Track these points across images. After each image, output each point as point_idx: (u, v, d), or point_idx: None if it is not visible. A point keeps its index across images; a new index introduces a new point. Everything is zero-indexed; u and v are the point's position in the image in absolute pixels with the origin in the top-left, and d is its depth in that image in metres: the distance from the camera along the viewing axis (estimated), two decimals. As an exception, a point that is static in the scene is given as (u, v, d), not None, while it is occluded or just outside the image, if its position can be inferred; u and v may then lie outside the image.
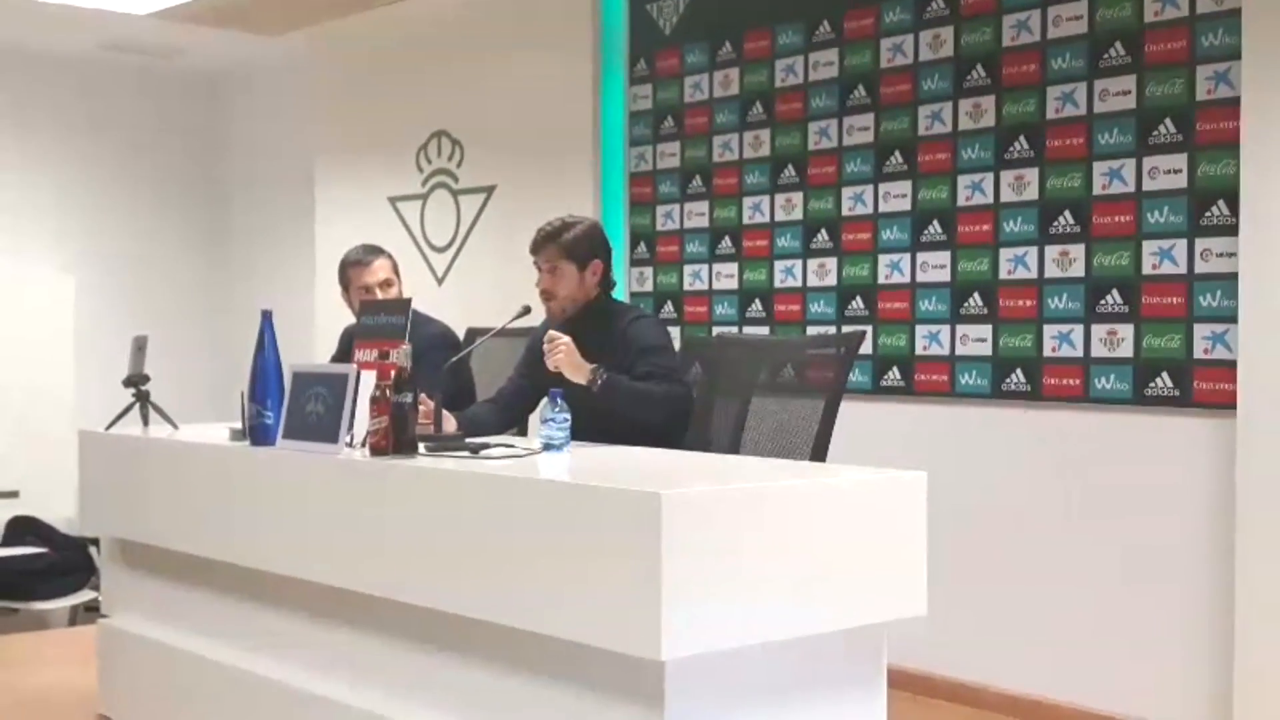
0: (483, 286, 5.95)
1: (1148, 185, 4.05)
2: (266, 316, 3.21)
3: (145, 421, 3.74)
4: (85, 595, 6.08)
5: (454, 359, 3.77)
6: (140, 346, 3.77)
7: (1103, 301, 4.15)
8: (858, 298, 4.79)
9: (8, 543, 6.19)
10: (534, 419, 3.50)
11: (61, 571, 6.15)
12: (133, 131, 7.96)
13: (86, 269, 7.23)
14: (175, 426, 3.73)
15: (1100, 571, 4.16)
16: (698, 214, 5.30)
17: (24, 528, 6.24)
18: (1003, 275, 4.39)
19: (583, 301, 3.55)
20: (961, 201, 4.50)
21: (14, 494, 6.19)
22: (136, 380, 3.73)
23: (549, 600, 2.43)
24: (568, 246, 3.51)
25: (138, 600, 3.79)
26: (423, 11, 6.29)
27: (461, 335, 4.25)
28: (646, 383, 3.37)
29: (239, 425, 3.34)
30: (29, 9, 6.33)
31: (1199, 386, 3.94)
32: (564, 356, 3.36)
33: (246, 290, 7.88)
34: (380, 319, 3.28)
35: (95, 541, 5.55)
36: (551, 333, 3.42)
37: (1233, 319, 3.86)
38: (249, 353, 3.22)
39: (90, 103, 7.78)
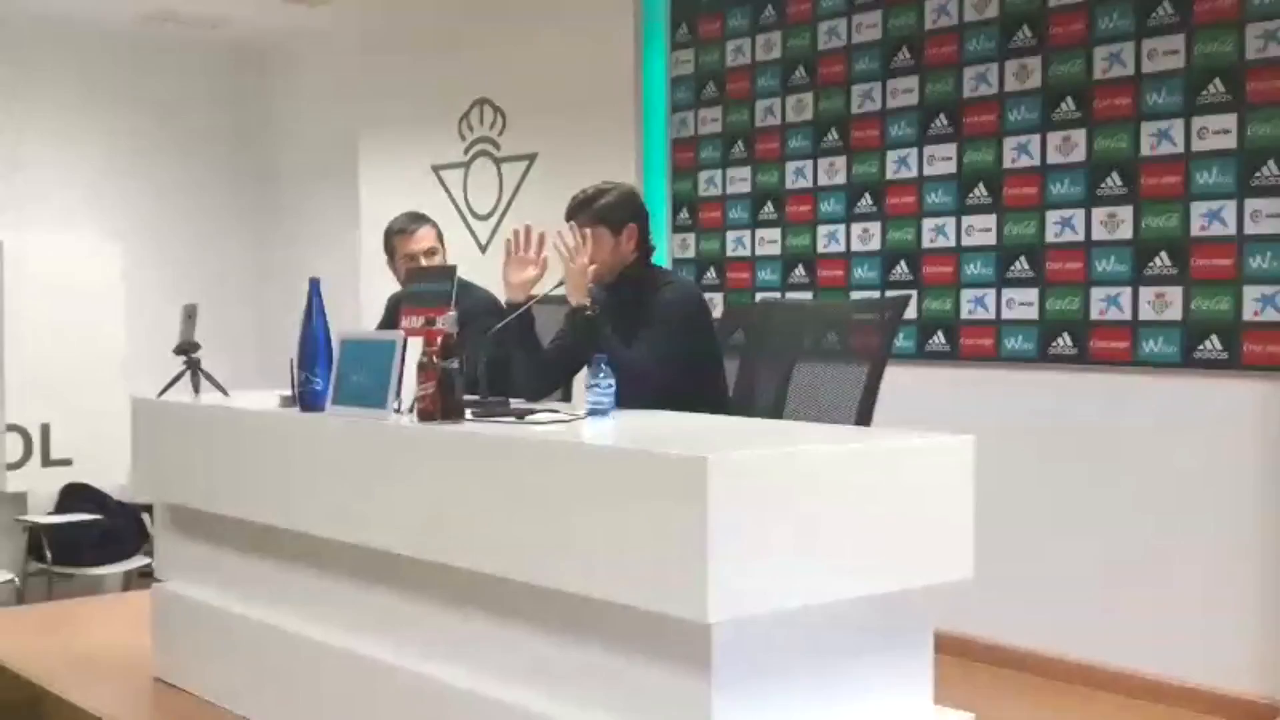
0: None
1: (1196, 146, 4.00)
2: (314, 284, 3.23)
3: (196, 389, 3.78)
4: (138, 561, 6.18)
5: (497, 326, 3.79)
6: (190, 315, 3.81)
7: (1151, 263, 4.11)
8: (902, 262, 4.77)
9: (62, 510, 6.29)
10: (579, 383, 3.52)
11: (114, 538, 6.26)
12: (177, 102, 8.02)
13: (134, 239, 7.30)
14: (226, 393, 3.77)
15: (1148, 535, 4.14)
16: (740, 179, 5.29)
17: (77, 495, 6.34)
18: (1050, 238, 4.36)
19: (620, 267, 3.55)
20: (1008, 164, 4.46)
21: (67, 462, 6.29)
22: (187, 348, 3.77)
23: (596, 563, 2.45)
24: (602, 212, 3.51)
25: (190, 565, 3.85)
26: (464, -21, 6.30)
27: (505, 302, 4.26)
28: (622, 346, 3.33)
29: (288, 392, 3.37)
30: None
31: (1248, 349, 3.90)
32: (577, 270, 3.37)
33: (293, 258, 7.93)
34: (426, 286, 3.29)
35: (147, 508, 5.64)
36: (578, 243, 3.42)
37: (1283, 280, 3.82)
38: (297, 320, 3.25)
39: (135, 74, 7.84)
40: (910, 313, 4.61)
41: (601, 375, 2.98)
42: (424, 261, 4.10)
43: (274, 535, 3.41)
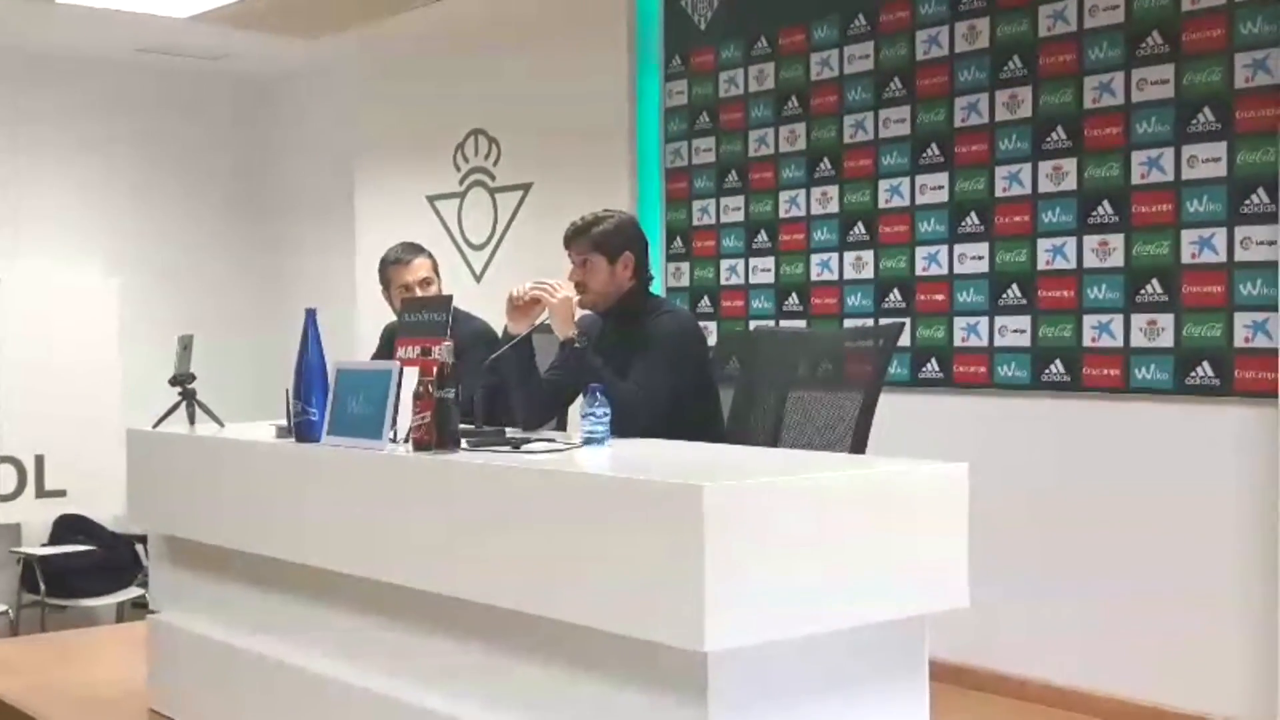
0: (520, 283, 5.97)
1: (1187, 174, 4.03)
2: (310, 315, 3.24)
3: (192, 420, 3.78)
4: (132, 592, 6.17)
5: (493, 355, 3.80)
6: (186, 346, 3.82)
7: (1142, 291, 4.13)
8: (895, 290, 4.79)
9: (56, 541, 6.28)
10: (574, 411, 3.54)
11: (109, 569, 6.25)
12: (176, 134, 8.04)
13: (131, 270, 7.31)
14: (221, 424, 3.77)
15: (1142, 562, 4.14)
16: (734, 209, 5.31)
17: (72, 526, 6.34)
18: (1041, 266, 4.38)
19: (616, 294, 3.57)
20: (999, 193, 4.49)
21: (61, 493, 6.28)
22: (183, 379, 3.78)
23: (592, 593, 2.45)
24: (598, 239, 3.53)
25: (186, 596, 3.85)
26: (459, 12, 6.33)
27: (500, 332, 4.28)
28: (615, 376, 3.34)
29: (284, 422, 3.38)
30: (69, 13, 6.41)
31: (1240, 375, 3.92)
32: (560, 305, 3.40)
33: (289, 289, 7.95)
34: (422, 316, 3.31)
35: (142, 539, 5.64)
36: (555, 280, 3.46)
37: (1273, 307, 3.83)
38: (292, 351, 3.26)
39: (134, 106, 7.86)
40: (904, 340, 4.62)
41: (597, 404, 2.99)
42: (419, 292, 4.11)
43: (269, 566, 3.41)
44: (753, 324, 5.19)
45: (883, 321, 4.73)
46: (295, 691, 3.32)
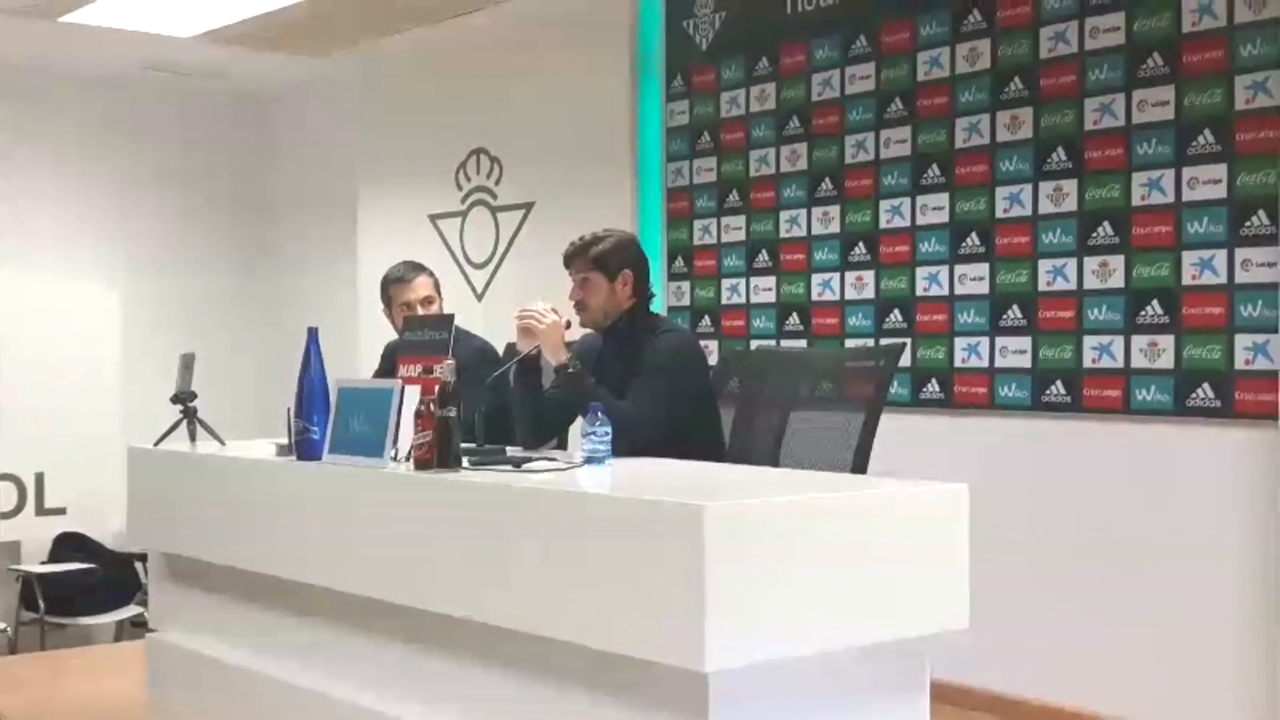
0: (522, 302, 5.97)
1: (1187, 195, 4.04)
2: (312, 333, 3.25)
3: (193, 438, 3.78)
4: (131, 610, 6.16)
5: (494, 374, 3.80)
6: (187, 364, 3.82)
7: (1143, 312, 4.14)
8: (896, 310, 4.79)
9: (55, 559, 6.27)
10: (575, 431, 3.54)
11: (108, 587, 6.24)
12: (178, 151, 8.06)
13: (133, 287, 7.32)
14: (222, 442, 3.77)
15: (1141, 583, 4.14)
16: (735, 228, 5.32)
17: (71, 544, 6.32)
18: (1042, 287, 4.39)
19: (616, 313, 3.58)
20: (1000, 213, 4.50)
21: (61, 511, 6.27)
22: (184, 397, 3.78)
23: (593, 612, 2.45)
24: (597, 258, 3.55)
25: (185, 614, 3.84)
26: (461, 31, 6.36)
27: (501, 351, 4.28)
28: (612, 397, 3.35)
29: (285, 441, 3.37)
30: (76, 31, 6.43)
31: (1240, 397, 3.92)
32: (547, 331, 3.42)
33: (291, 307, 7.95)
34: (424, 335, 3.31)
35: (141, 557, 5.63)
36: (542, 305, 3.47)
37: (1274, 329, 3.84)
38: (294, 369, 3.25)
39: (136, 123, 7.88)
40: (904, 361, 4.63)
41: (598, 423, 2.99)
42: (421, 310, 4.12)
43: (270, 584, 3.40)
44: (754, 343, 5.20)
45: (883, 342, 4.74)
46: (294, 711, 3.31)
